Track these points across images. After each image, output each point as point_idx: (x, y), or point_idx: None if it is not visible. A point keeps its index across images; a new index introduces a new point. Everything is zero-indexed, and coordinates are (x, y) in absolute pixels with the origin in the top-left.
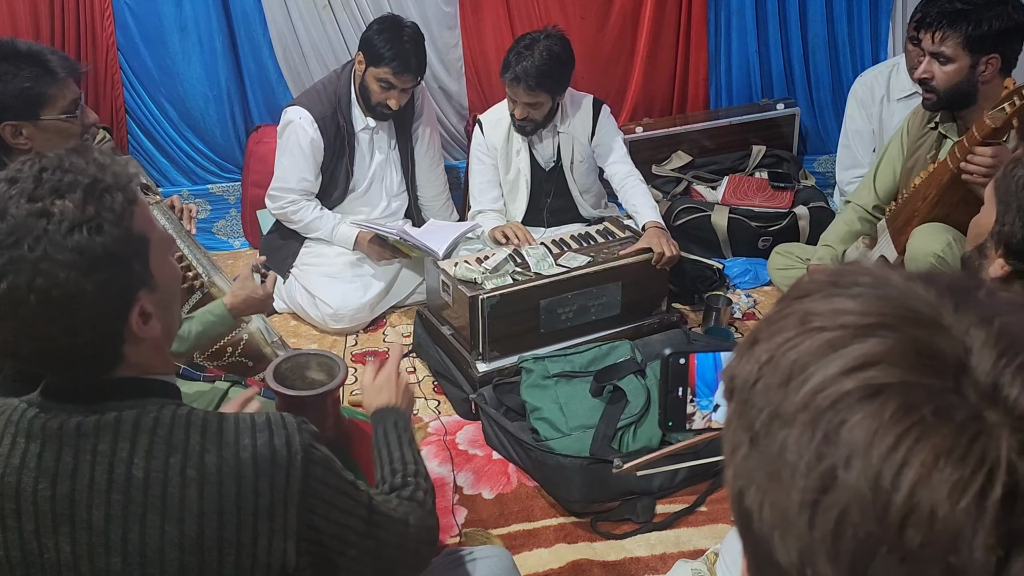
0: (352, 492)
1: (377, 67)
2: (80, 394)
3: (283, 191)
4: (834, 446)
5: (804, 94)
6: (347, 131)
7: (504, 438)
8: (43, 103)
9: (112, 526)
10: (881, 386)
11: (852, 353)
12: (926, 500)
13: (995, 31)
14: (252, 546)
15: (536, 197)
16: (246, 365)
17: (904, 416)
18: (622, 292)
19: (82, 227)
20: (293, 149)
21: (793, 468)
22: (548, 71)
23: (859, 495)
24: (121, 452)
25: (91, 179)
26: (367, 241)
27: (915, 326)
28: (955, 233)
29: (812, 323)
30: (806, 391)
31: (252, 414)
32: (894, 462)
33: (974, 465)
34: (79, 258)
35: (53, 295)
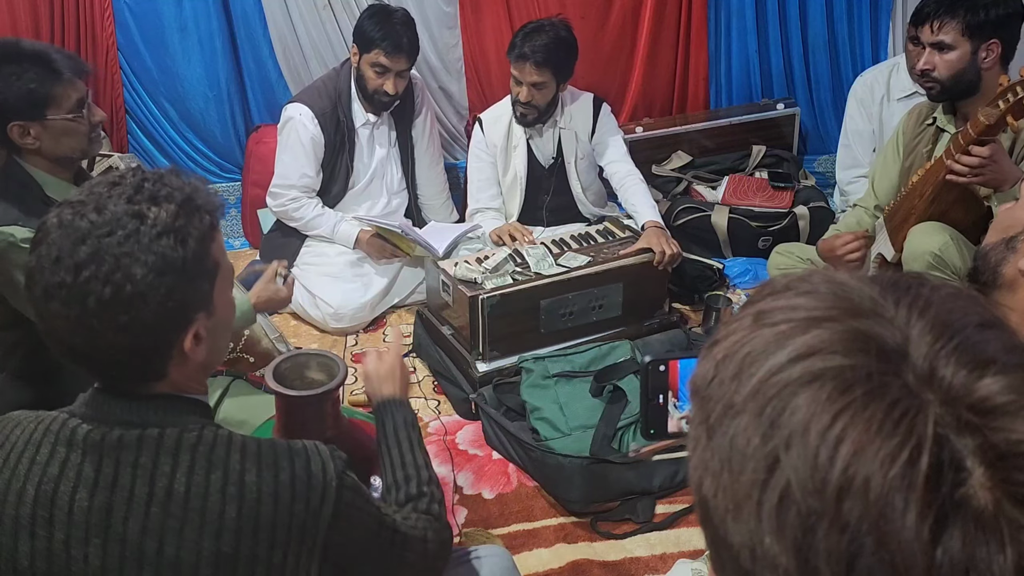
0: (377, 516)
1: (369, 52)
2: (123, 407)
3: (284, 188)
4: (778, 429)
5: (804, 94)
6: (347, 126)
7: (504, 438)
8: (49, 103)
9: (148, 539)
10: (821, 371)
11: (797, 343)
12: (861, 473)
13: (993, 17)
14: (282, 565)
15: (534, 195)
16: (247, 361)
17: (840, 396)
18: (623, 293)
19: (170, 235)
20: (294, 145)
21: (743, 454)
22: (555, 49)
23: (799, 473)
24: (163, 466)
25: (186, 196)
26: (368, 239)
27: (858, 317)
28: (953, 231)
29: (764, 320)
30: (754, 381)
31: (288, 441)
32: (830, 440)
33: (903, 436)
34: (159, 262)
35: (126, 291)
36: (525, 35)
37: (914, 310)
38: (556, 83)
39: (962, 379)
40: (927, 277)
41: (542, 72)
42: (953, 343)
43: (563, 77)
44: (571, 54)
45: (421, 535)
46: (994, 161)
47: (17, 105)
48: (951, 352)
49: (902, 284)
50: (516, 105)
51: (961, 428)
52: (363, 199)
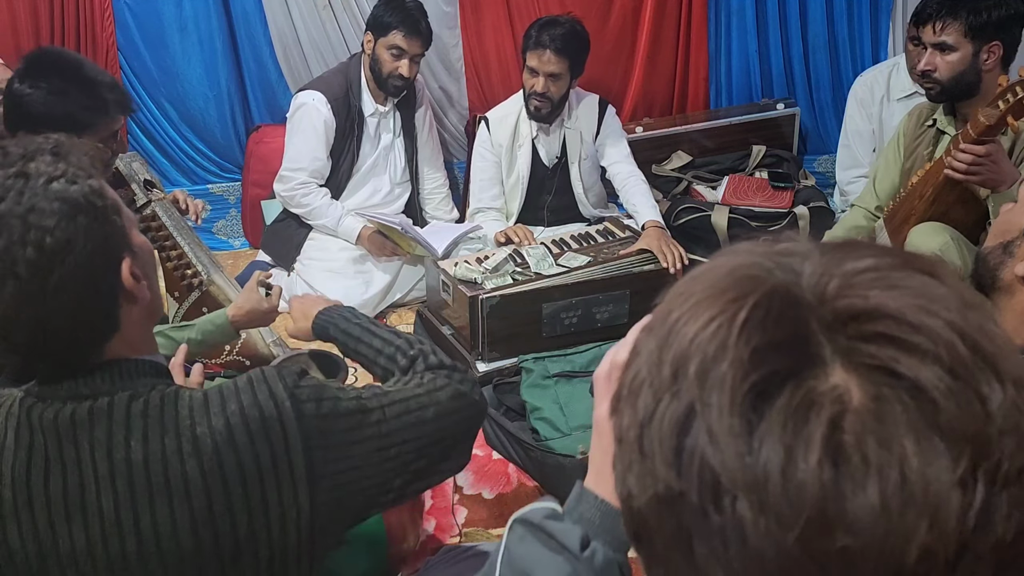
0: (356, 407)
1: (386, 35)
2: (71, 380)
3: (295, 171)
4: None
5: (804, 94)
6: (358, 112)
7: (504, 438)
8: (85, 130)
9: (123, 511)
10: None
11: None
12: (691, 339)
13: (996, 18)
14: (262, 504)
15: (536, 195)
16: (244, 364)
17: (713, 299)
18: (630, 301)
19: (59, 179)
20: (306, 129)
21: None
22: (573, 38)
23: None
24: (117, 437)
25: (53, 144)
26: (369, 235)
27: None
28: (953, 232)
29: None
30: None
31: (234, 379)
32: (679, 324)
33: (733, 302)
34: (64, 206)
35: (47, 244)
36: (541, 26)
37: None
38: (571, 75)
39: (834, 285)
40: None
41: (560, 61)
42: (839, 265)
43: (577, 71)
44: (585, 48)
45: (429, 386)
46: (992, 161)
47: (55, 122)
48: (827, 264)
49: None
50: (531, 98)
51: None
52: (366, 182)
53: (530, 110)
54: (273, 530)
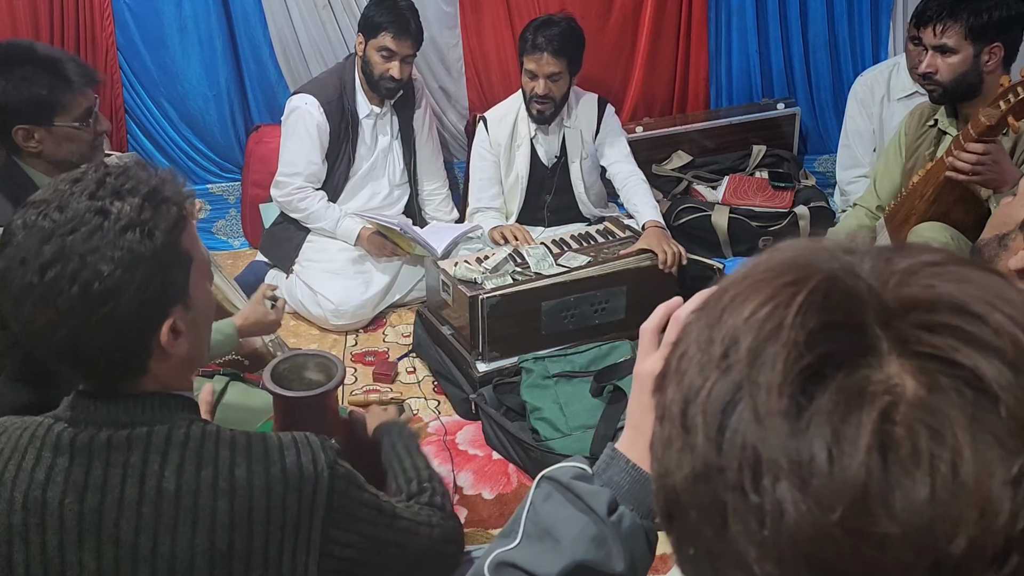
0: (375, 503)
1: (376, 36)
2: (109, 408)
3: (290, 176)
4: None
5: (804, 94)
6: (352, 115)
7: (504, 438)
8: (57, 110)
9: (142, 538)
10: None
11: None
12: (745, 318)
13: (996, 19)
14: (278, 559)
15: (535, 195)
16: (242, 363)
17: (773, 284)
18: (627, 297)
19: (135, 229)
20: (300, 133)
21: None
22: (569, 37)
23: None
24: (152, 465)
25: (151, 188)
26: (369, 237)
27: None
28: (953, 232)
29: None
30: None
31: (278, 434)
32: (732, 309)
33: (791, 285)
34: (127, 256)
35: (94, 288)
36: (537, 28)
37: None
38: (570, 74)
39: (889, 278)
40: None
41: (559, 61)
42: (898, 260)
43: (575, 68)
44: (581, 45)
45: (425, 521)
46: (994, 161)
47: (25, 109)
48: (886, 263)
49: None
50: (532, 102)
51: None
52: (363, 186)
53: (532, 113)
54: None
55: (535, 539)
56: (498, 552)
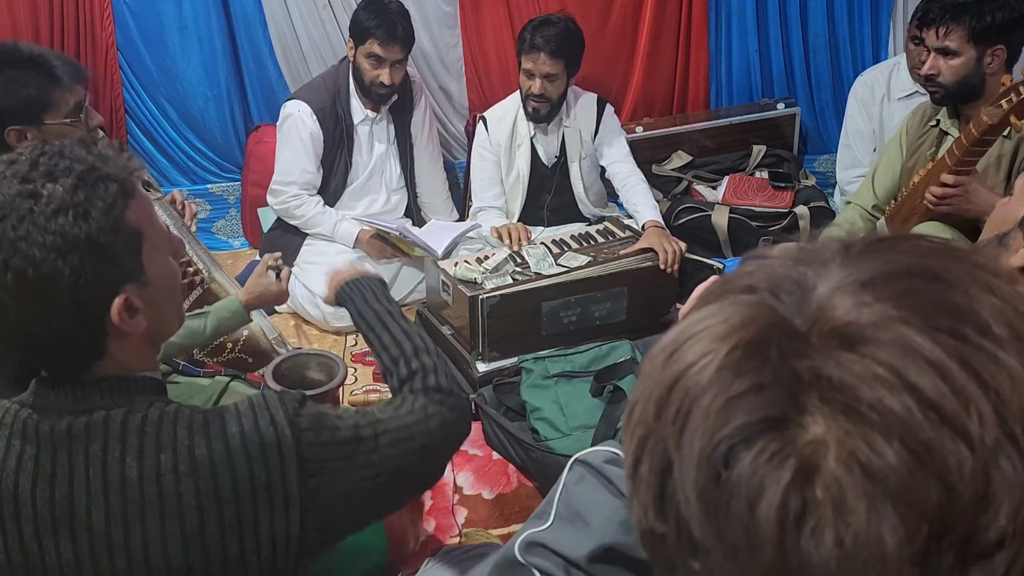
0: (352, 436)
1: (364, 42)
2: (69, 394)
3: (285, 184)
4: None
5: (805, 94)
6: (346, 122)
7: (504, 438)
8: (47, 109)
9: (113, 526)
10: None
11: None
12: (681, 372)
13: (999, 22)
14: (254, 527)
15: (536, 194)
16: (246, 361)
17: (714, 332)
18: (628, 298)
19: (68, 211)
20: (294, 142)
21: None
22: (567, 38)
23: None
24: (113, 452)
25: (87, 167)
26: (368, 239)
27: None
28: (955, 232)
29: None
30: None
31: (235, 403)
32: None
33: (724, 339)
34: (59, 241)
35: (28, 275)
36: (535, 27)
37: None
38: (567, 75)
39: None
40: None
41: (556, 62)
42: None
43: (573, 69)
44: (579, 45)
45: (420, 416)
46: (965, 191)
47: (15, 110)
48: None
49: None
50: (528, 100)
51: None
52: (362, 195)
53: (528, 111)
54: (263, 553)
55: (566, 521)
56: (530, 532)
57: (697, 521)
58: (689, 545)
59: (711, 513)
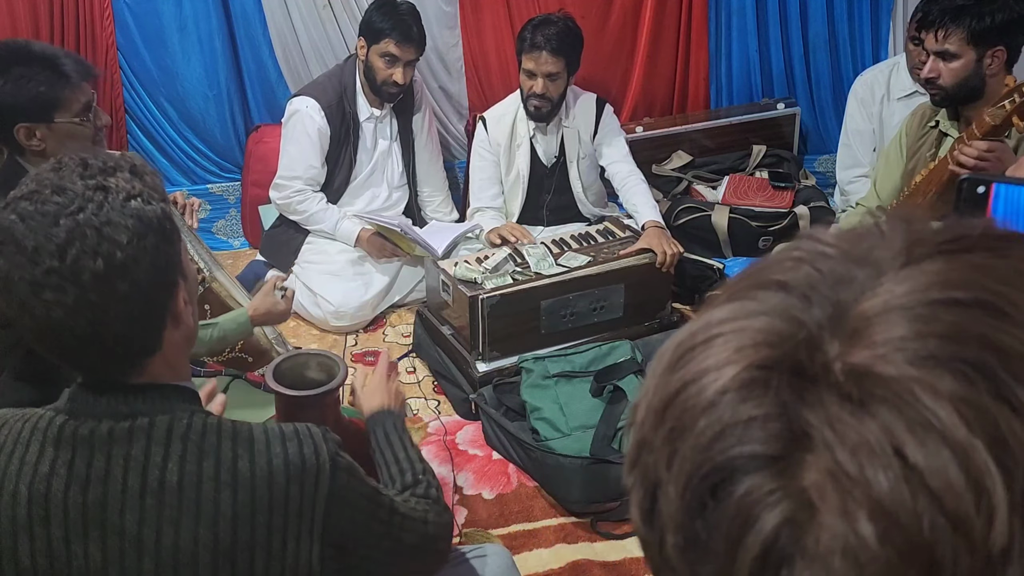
0: (375, 496)
1: (378, 42)
2: (110, 400)
3: (290, 179)
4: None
5: (805, 94)
6: (353, 119)
7: (504, 438)
8: (57, 107)
9: (145, 529)
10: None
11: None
12: (684, 385)
13: (999, 23)
14: (281, 550)
15: (535, 194)
16: (246, 361)
17: (728, 345)
18: (625, 294)
19: (137, 197)
20: (300, 137)
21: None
22: (567, 37)
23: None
24: (155, 457)
25: (131, 164)
26: (368, 238)
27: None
28: None
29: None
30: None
31: (279, 425)
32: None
33: (738, 352)
34: (138, 224)
35: (117, 259)
36: (535, 27)
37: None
38: (568, 73)
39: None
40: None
41: (557, 60)
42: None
43: (573, 68)
44: (579, 44)
45: (421, 516)
46: (998, 159)
47: (25, 108)
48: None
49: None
50: (530, 100)
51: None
52: (364, 190)
53: (529, 111)
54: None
55: None
56: None
57: (675, 548)
58: (670, 566)
59: (690, 543)
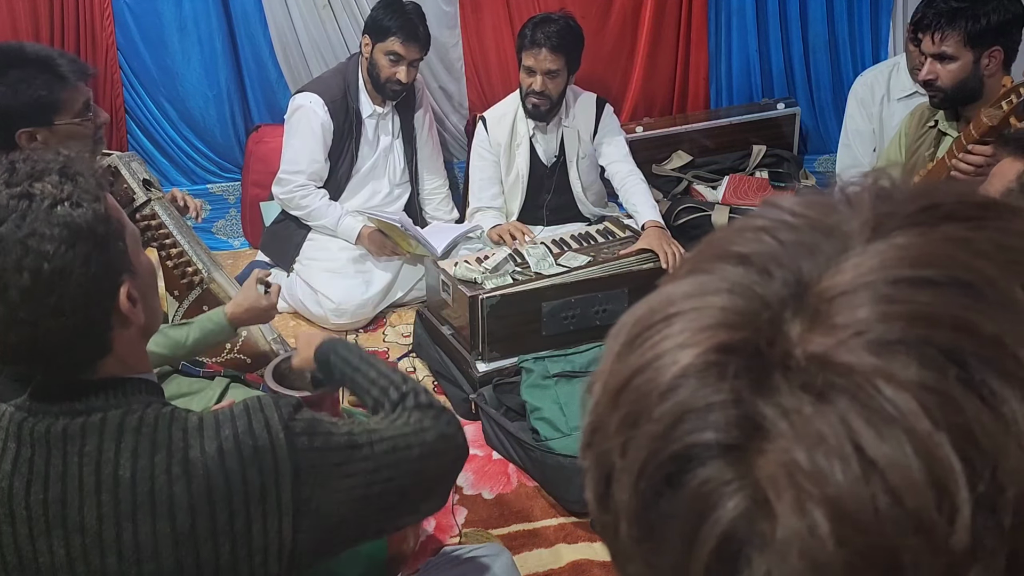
0: (347, 442)
1: (384, 41)
2: (66, 396)
3: (293, 174)
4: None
5: (804, 94)
6: (355, 115)
7: (504, 438)
8: (57, 109)
9: (105, 526)
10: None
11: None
12: (640, 366)
13: (994, 24)
14: (246, 532)
15: (535, 194)
16: (244, 362)
17: (687, 327)
18: (628, 299)
19: (64, 203)
20: (304, 131)
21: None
22: (567, 34)
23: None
24: (107, 452)
25: (61, 164)
26: (369, 235)
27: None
28: None
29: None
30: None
31: (232, 406)
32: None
33: (699, 333)
34: (65, 232)
35: (44, 271)
36: (535, 24)
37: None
38: (568, 71)
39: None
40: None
41: (557, 58)
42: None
43: (573, 66)
44: (579, 43)
45: (416, 428)
46: (997, 161)
47: (26, 112)
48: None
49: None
50: (529, 97)
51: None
52: (365, 185)
53: (528, 108)
54: (255, 559)
55: None
56: None
57: (629, 538)
58: (626, 554)
59: (645, 533)
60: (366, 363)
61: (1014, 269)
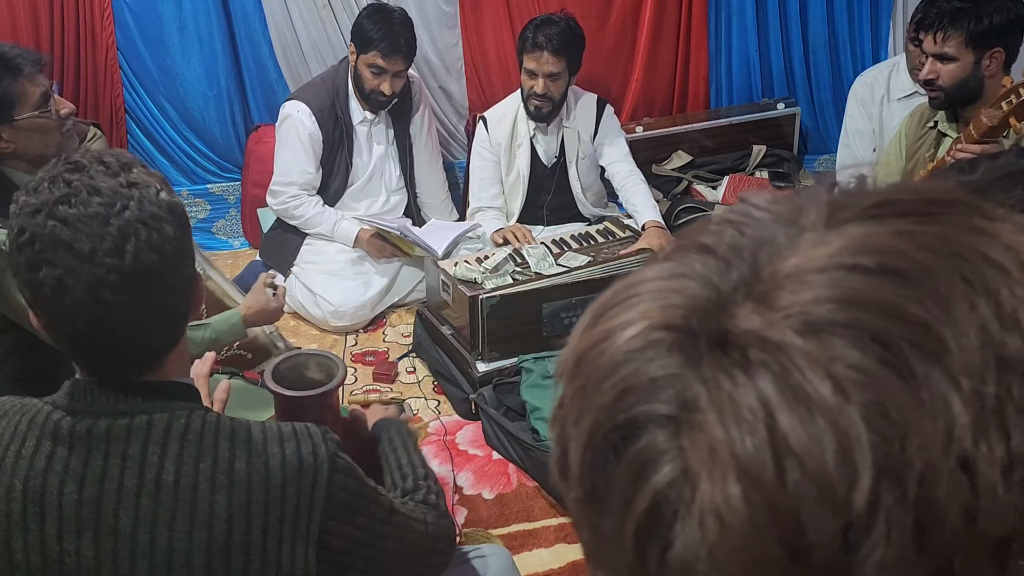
0: (374, 497)
1: (366, 52)
2: (108, 397)
3: (285, 185)
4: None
5: (805, 94)
6: (345, 123)
7: (504, 438)
8: (14, 104)
9: (140, 530)
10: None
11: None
12: (596, 342)
13: (996, 25)
14: (277, 552)
15: (535, 194)
16: (244, 358)
17: (637, 307)
18: None
19: (161, 191)
20: (292, 142)
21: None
22: (569, 36)
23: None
24: (151, 456)
25: (131, 157)
26: (367, 238)
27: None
28: None
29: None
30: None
31: (279, 424)
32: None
33: (644, 317)
34: (174, 216)
35: (168, 252)
36: (536, 26)
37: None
38: (569, 73)
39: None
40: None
41: (559, 60)
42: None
43: (575, 68)
44: (581, 44)
45: (420, 518)
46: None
47: None
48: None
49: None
50: (531, 99)
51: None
52: (362, 196)
53: (530, 110)
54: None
55: None
56: None
57: (576, 502)
58: (576, 520)
59: (590, 496)
60: (405, 451)
61: (956, 261)
